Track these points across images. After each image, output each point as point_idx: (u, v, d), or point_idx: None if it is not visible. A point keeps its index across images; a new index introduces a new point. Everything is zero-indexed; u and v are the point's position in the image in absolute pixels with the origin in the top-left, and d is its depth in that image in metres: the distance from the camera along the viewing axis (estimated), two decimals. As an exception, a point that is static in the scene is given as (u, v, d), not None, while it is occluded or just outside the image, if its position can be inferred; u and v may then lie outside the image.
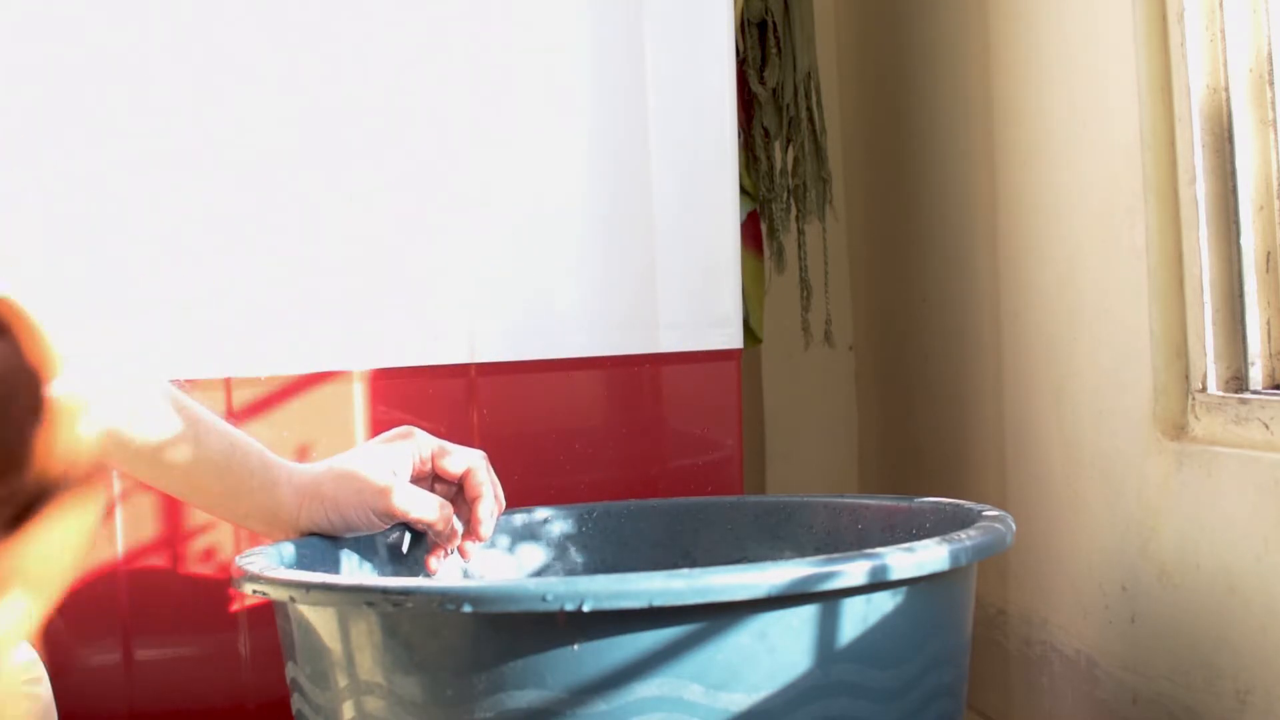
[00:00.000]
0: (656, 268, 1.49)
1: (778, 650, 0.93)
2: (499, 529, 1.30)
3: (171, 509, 1.43)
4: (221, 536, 1.43)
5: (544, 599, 0.89)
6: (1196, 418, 1.19)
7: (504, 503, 1.20)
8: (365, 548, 1.23)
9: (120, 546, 1.42)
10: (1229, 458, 1.12)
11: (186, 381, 1.43)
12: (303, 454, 1.44)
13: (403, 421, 1.46)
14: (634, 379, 1.48)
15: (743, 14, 1.88)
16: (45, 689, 1.12)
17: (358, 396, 1.45)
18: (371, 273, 1.46)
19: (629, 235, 1.50)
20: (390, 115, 1.47)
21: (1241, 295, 1.16)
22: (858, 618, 0.95)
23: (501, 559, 1.30)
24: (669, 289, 1.49)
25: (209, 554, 1.43)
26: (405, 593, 0.94)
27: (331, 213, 1.46)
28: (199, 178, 1.44)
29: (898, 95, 1.90)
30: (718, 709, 0.92)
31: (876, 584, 0.95)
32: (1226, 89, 1.16)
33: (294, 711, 1.09)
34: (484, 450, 1.21)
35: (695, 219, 1.50)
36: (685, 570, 0.92)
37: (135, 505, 1.42)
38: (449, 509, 1.18)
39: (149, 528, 1.42)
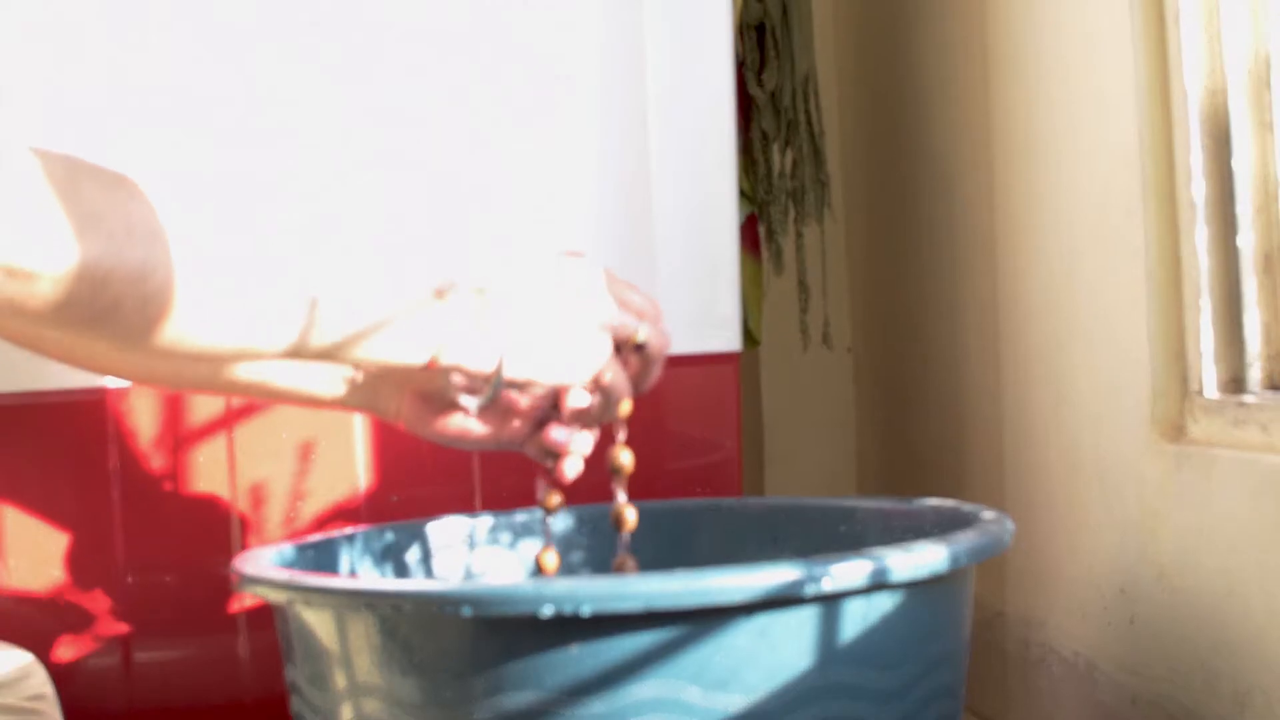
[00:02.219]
0: (656, 270, 1.49)
1: (776, 652, 0.93)
2: (502, 527, 1.30)
3: (172, 510, 1.43)
4: (222, 533, 1.43)
5: (542, 602, 0.89)
6: (1195, 420, 1.19)
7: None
8: (366, 550, 1.23)
9: (120, 546, 1.42)
10: (1227, 460, 1.12)
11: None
12: (302, 456, 1.44)
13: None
14: (633, 381, 1.48)
15: (741, 17, 1.88)
16: (50, 704, 1.11)
17: (357, 398, 1.45)
18: (370, 273, 1.46)
19: (628, 238, 1.50)
20: (388, 117, 1.47)
21: (1240, 297, 1.16)
22: (856, 619, 0.95)
23: (504, 555, 1.30)
24: (668, 291, 1.49)
25: (209, 554, 1.43)
26: (404, 595, 0.94)
27: (329, 213, 1.46)
28: (196, 176, 1.44)
29: (897, 97, 1.90)
30: (716, 710, 0.92)
31: (875, 585, 0.95)
32: (1225, 91, 1.16)
33: (293, 713, 1.09)
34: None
35: (694, 222, 1.51)
36: (683, 572, 0.92)
37: (135, 504, 1.42)
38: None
39: (149, 527, 1.42)
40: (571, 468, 1.13)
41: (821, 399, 2.21)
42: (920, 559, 0.96)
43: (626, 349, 1.07)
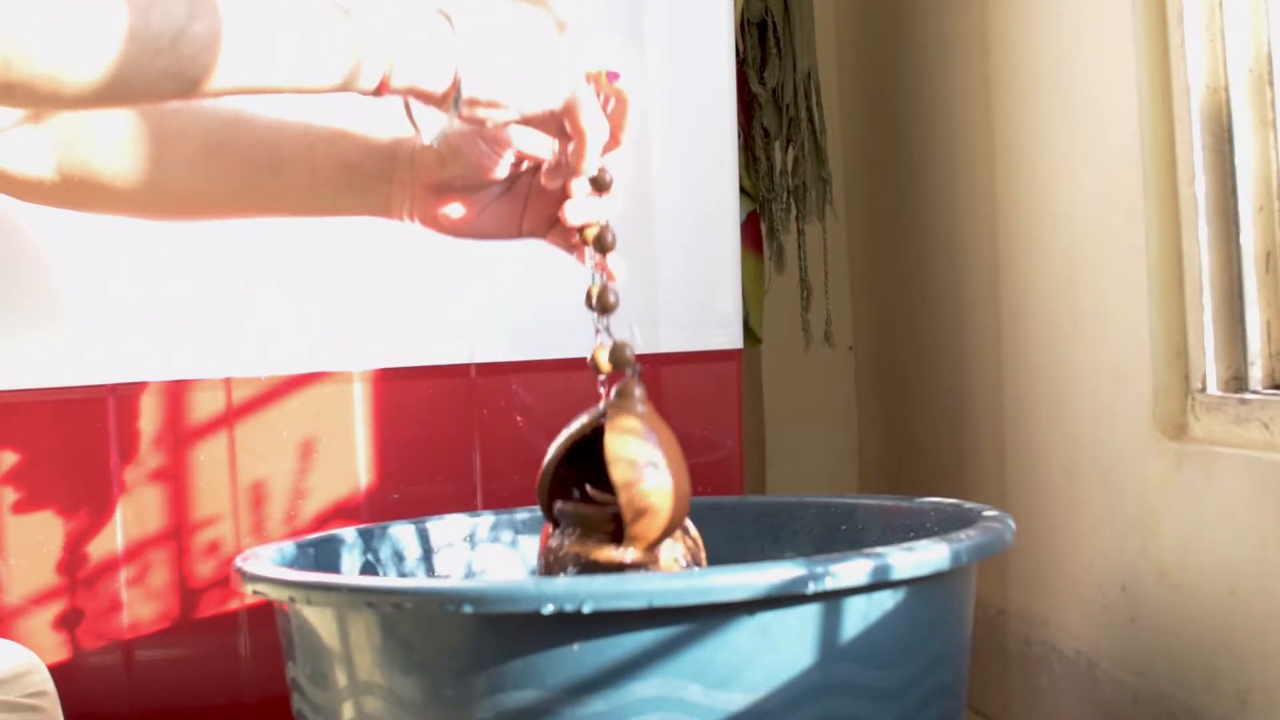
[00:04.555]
0: (657, 268, 1.49)
1: (777, 650, 0.93)
2: (503, 525, 1.30)
3: (172, 509, 1.43)
4: (222, 532, 1.43)
5: (544, 600, 0.89)
6: (1196, 418, 1.19)
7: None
8: (366, 548, 1.23)
9: (120, 546, 1.42)
10: (1229, 458, 1.12)
11: (186, 381, 1.43)
12: (303, 454, 1.44)
13: (401, 422, 1.46)
14: (634, 379, 1.48)
15: (743, 14, 1.88)
16: (50, 701, 1.11)
17: (358, 396, 1.45)
18: (371, 272, 1.46)
19: (629, 235, 1.50)
20: (387, 114, 1.47)
21: (1241, 295, 1.16)
22: (857, 617, 0.95)
23: (505, 553, 1.30)
24: (669, 289, 1.49)
25: (209, 553, 1.43)
26: (405, 593, 0.94)
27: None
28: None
29: (898, 95, 1.90)
30: (717, 709, 0.92)
31: (876, 584, 0.95)
32: (1226, 89, 1.16)
33: (294, 711, 1.09)
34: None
35: (695, 219, 1.50)
36: (685, 570, 0.92)
37: (136, 505, 1.42)
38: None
39: (149, 527, 1.42)
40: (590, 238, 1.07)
41: (823, 397, 2.21)
42: (922, 557, 0.96)
43: (600, 89, 1.01)
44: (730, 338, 1.52)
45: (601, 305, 1.08)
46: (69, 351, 1.41)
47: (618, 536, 1.03)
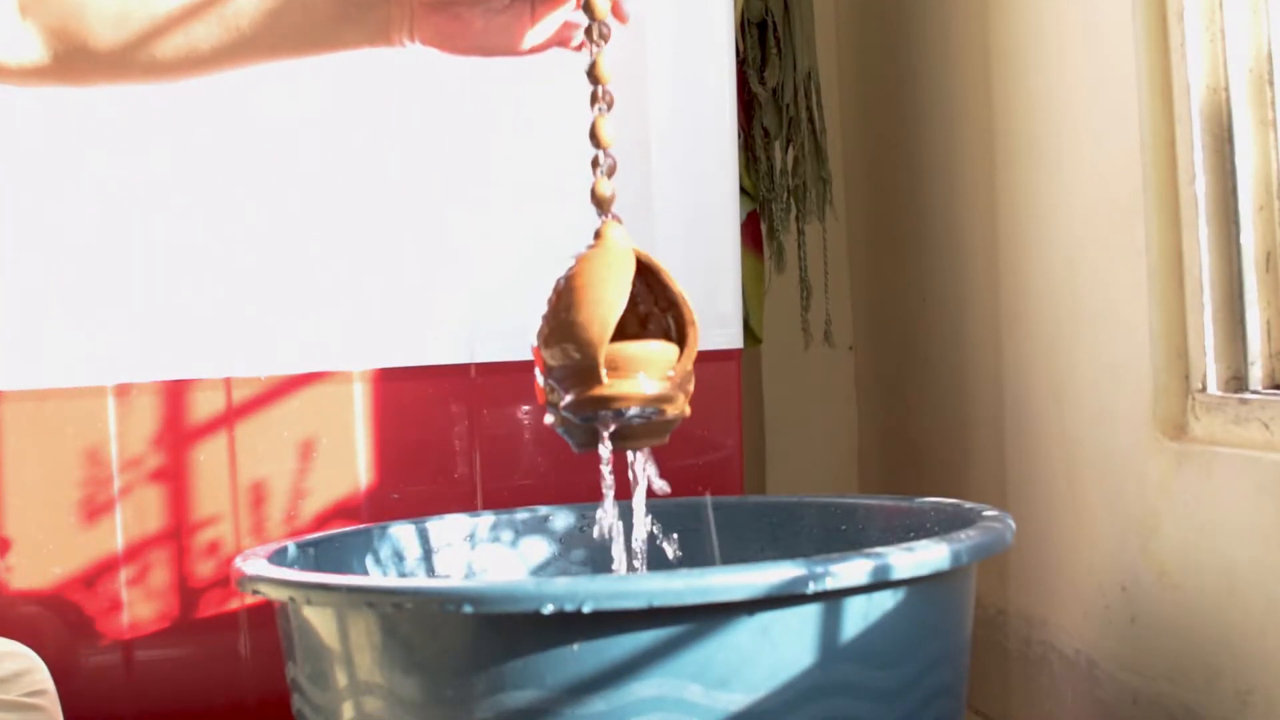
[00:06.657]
0: (656, 268, 1.49)
1: (777, 650, 0.93)
2: (503, 525, 1.30)
3: (172, 509, 1.43)
4: (222, 532, 1.43)
5: (544, 600, 0.89)
6: (1196, 418, 1.19)
7: None
8: (367, 548, 1.23)
9: (120, 546, 1.42)
10: (1229, 458, 1.12)
11: (186, 381, 1.43)
12: (303, 454, 1.44)
13: (401, 422, 1.46)
14: (634, 379, 1.48)
15: (743, 14, 1.88)
16: (50, 700, 1.11)
17: (358, 396, 1.45)
18: (372, 273, 1.46)
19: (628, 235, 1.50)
20: (387, 114, 1.47)
21: (1241, 295, 1.16)
22: (857, 617, 0.95)
23: (505, 553, 1.30)
24: (669, 289, 1.49)
25: (209, 553, 1.43)
26: (405, 593, 0.94)
27: (333, 214, 1.46)
28: (203, 179, 1.44)
29: (898, 94, 1.90)
30: (717, 709, 0.92)
31: (876, 584, 0.95)
32: (1226, 89, 1.16)
33: (294, 711, 1.09)
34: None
35: (695, 219, 1.50)
36: (684, 570, 0.92)
37: (136, 503, 1.42)
38: None
39: (149, 527, 1.42)
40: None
41: (823, 397, 2.21)
42: (922, 557, 0.96)
43: None
44: (730, 338, 1.52)
45: (593, 76, 1.07)
46: (69, 351, 1.41)
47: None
